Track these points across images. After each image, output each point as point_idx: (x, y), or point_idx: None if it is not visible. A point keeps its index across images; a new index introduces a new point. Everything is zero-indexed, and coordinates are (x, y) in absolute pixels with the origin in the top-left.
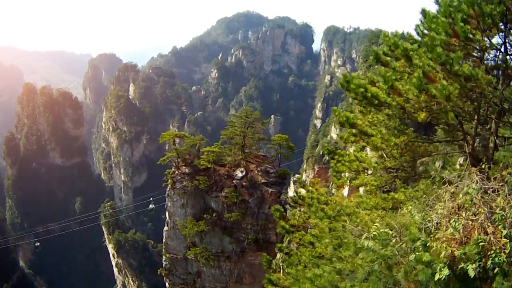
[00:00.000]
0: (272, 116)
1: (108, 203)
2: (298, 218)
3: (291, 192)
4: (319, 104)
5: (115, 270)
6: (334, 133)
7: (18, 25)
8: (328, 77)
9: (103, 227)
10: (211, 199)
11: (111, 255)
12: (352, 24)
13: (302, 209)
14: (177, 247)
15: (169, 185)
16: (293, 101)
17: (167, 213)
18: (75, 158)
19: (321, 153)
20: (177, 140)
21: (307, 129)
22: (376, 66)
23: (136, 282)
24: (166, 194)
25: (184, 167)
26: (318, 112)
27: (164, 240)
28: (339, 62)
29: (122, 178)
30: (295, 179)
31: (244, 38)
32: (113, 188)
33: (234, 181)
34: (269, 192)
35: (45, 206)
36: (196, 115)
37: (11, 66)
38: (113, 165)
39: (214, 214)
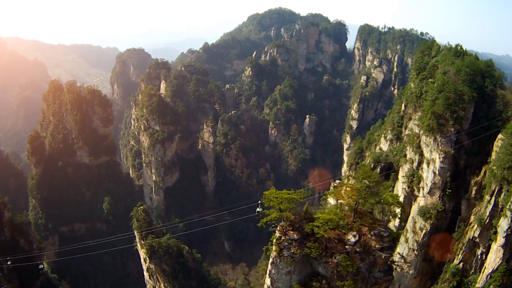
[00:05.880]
0: (307, 116)
1: (141, 207)
2: None
3: None
4: (355, 105)
5: (146, 274)
6: (384, 145)
7: (41, 19)
8: (364, 78)
9: (135, 232)
10: (319, 264)
11: (142, 259)
12: (386, 24)
13: None
14: None
15: (275, 253)
16: (328, 100)
17: (268, 280)
18: (104, 157)
19: (372, 166)
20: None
21: (342, 129)
22: (430, 80)
23: None
24: (270, 262)
25: (291, 232)
26: (354, 113)
27: None
28: (375, 62)
29: (154, 178)
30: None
31: (276, 35)
32: (143, 187)
33: (346, 246)
34: (382, 257)
35: (71, 206)
36: (230, 114)
37: (34, 60)
38: (143, 164)
39: (323, 281)
